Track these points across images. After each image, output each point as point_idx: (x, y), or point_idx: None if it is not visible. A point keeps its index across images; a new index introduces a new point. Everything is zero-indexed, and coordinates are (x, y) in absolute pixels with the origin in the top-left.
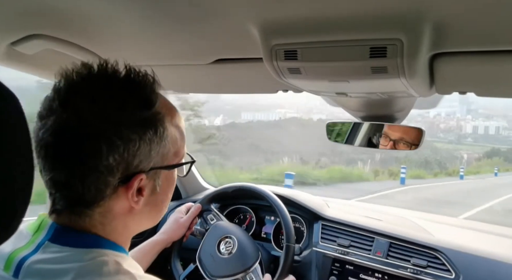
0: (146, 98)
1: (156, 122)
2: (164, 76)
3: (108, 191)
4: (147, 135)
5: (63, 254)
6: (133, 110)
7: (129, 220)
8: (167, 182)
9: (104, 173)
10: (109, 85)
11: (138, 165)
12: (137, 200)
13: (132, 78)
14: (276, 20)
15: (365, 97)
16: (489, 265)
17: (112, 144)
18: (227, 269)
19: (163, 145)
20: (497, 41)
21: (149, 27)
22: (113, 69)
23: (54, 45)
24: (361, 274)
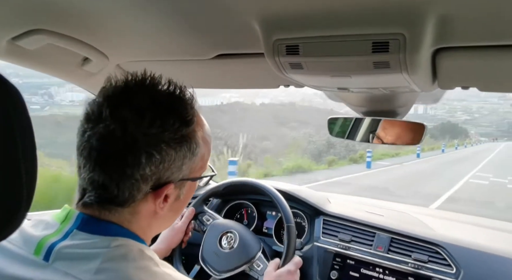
0: (186, 116)
1: (191, 139)
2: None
3: (139, 196)
4: (182, 151)
5: (90, 240)
6: (174, 128)
7: (153, 222)
8: (190, 190)
9: (139, 181)
10: (154, 100)
11: (170, 176)
12: (163, 206)
13: (174, 93)
14: (277, 15)
15: (367, 92)
16: (489, 260)
17: (151, 157)
18: (233, 262)
19: (194, 160)
20: (500, 36)
21: (150, 22)
22: (154, 82)
23: (55, 40)
24: (362, 269)
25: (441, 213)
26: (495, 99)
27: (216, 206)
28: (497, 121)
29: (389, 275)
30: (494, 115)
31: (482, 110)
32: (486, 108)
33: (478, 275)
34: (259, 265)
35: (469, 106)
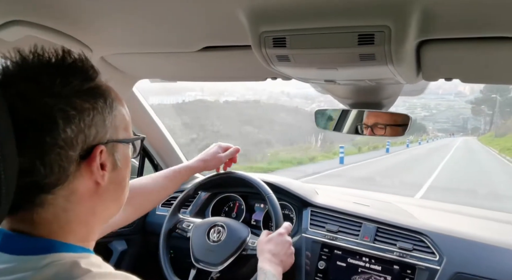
0: (85, 70)
1: (104, 92)
2: (152, 64)
3: (72, 168)
4: (98, 103)
5: (13, 264)
6: (79, 81)
7: (96, 202)
8: (125, 159)
9: (64, 147)
10: (48, 67)
11: (96, 136)
12: (102, 174)
13: (65, 56)
14: (264, 7)
15: (353, 84)
16: (471, 246)
17: (67, 115)
18: (227, 250)
19: (114, 115)
20: (481, 28)
21: (134, 13)
22: (46, 52)
23: (35, 32)
24: (349, 259)
25: (425, 202)
26: (451, 96)
27: (204, 200)
28: (453, 117)
29: (375, 263)
30: (451, 111)
31: (439, 107)
32: (443, 104)
33: (460, 261)
34: (254, 243)
35: (428, 103)
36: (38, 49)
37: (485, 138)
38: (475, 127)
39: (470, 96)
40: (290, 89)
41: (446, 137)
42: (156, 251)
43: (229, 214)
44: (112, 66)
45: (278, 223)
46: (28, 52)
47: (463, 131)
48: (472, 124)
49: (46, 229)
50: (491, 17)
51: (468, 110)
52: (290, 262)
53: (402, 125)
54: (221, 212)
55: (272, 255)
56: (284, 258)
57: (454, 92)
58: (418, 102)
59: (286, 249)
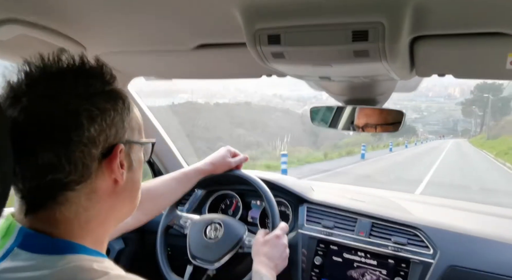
0: (105, 75)
1: (121, 94)
2: (146, 62)
3: (94, 166)
4: (118, 105)
5: (33, 261)
6: (100, 84)
7: (114, 202)
8: (139, 161)
9: (88, 145)
10: (69, 71)
11: (116, 135)
12: (122, 173)
13: (85, 62)
14: (259, 4)
15: (348, 81)
16: (464, 240)
17: (90, 115)
18: (224, 248)
19: (131, 117)
20: (473, 24)
21: (128, 11)
22: (63, 59)
23: (28, 30)
24: (345, 254)
25: (419, 197)
26: (441, 99)
27: (201, 197)
28: (443, 119)
29: (371, 258)
30: (441, 113)
31: (430, 109)
32: (433, 107)
33: (453, 255)
34: (250, 241)
35: (418, 105)
36: (57, 56)
37: (477, 141)
38: (465, 129)
39: (460, 98)
40: (282, 91)
41: (436, 139)
42: (154, 249)
43: (226, 212)
44: None
45: (275, 221)
46: (47, 58)
47: (453, 133)
48: (462, 126)
49: (67, 228)
50: (482, 14)
51: (458, 112)
52: (283, 265)
53: (396, 121)
54: (218, 210)
55: (268, 259)
56: (279, 261)
57: (444, 95)
58: (408, 104)
59: (281, 252)
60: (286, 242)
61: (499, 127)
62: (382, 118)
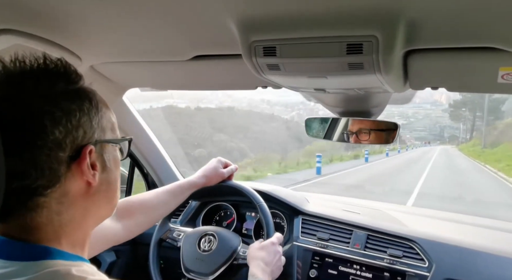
0: (69, 75)
1: (88, 93)
2: (142, 73)
3: (62, 169)
4: (84, 105)
5: (8, 269)
6: (63, 84)
7: (88, 204)
8: (114, 161)
9: (53, 149)
10: (31, 72)
11: (84, 136)
12: (94, 173)
13: (48, 62)
14: (254, 16)
15: (343, 93)
16: (460, 253)
17: (54, 117)
18: (218, 260)
19: (100, 116)
20: (465, 39)
21: (125, 23)
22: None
23: (24, 41)
24: (340, 266)
25: (414, 209)
26: (428, 105)
27: (195, 208)
28: (430, 125)
29: (366, 271)
30: (427, 120)
31: (417, 115)
32: (420, 113)
33: (449, 268)
34: (245, 252)
35: (406, 112)
36: (19, 57)
37: (467, 148)
38: (452, 135)
39: (446, 105)
40: (271, 97)
41: (422, 146)
42: (146, 262)
43: (220, 223)
44: (101, 75)
45: (270, 232)
46: (9, 60)
47: (440, 139)
48: (449, 132)
49: (41, 234)
50: (474, 29)
51: (444, 119)
52: (278, 273)
53: (391, 133)
54: (212, 221)
55: (265, 264)
56: (274, 268)
57: (431, 101)
58: (396, 111)
59: (277, 260)
60: (281, 250)
61: (497, 133)
62: (377, 129)
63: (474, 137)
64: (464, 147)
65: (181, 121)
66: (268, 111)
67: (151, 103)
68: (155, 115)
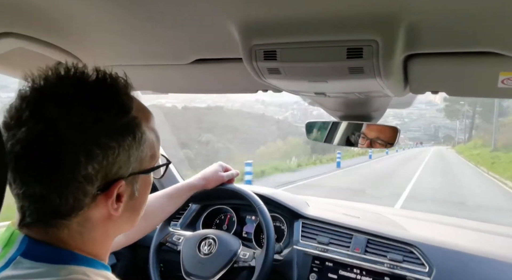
0: (122, 103)
1: (134, 127)
2: (143, 76)
3: (87, 201)
4: (126, 141)
5: (36, 270)
6: (111, 118)
7: (109, 226)
8: (145, 185)
9: (82, 183)
10: (82, 91)
11: (117, 172)
12: (117, 207)
13: (104, 81)
14: (255, 20)
15: (343, 97)
16: (460, 258)
17: (91, 154)
18: (219, 263)
19: (141, 150)
20: (465, 43)
21: (126, 26)
22: (82, 72)
23: (25, 44)
24: (340, 271)
25: (415, 213)
26: (422, 105)
27: (195, 212)
28: (425, 126)
29: (366, 275)
30: (422, 120)
31: (411, 115)
32: (415, 113)
33: (449, 273)
34: (245, 254)
35: (400, 112)
36: (77, 69)
37: (468, 151)
38: (446, 135)
39: (440, 105)
40: (265, 97)
41: (413, 147)
42: (146, 264)
43: (220, 226)
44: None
45: (269, 234)
46: (64, 72)
47: (435, 139)
48: (444, 133)
49: (64, 245)
50: (474, 33)
51: (439, 119)
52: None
53: (391, 137)
54: (212, 224)
55: None
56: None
57: (425, 102)
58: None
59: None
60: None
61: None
62: (377, 133)
63: (473, 136)
64: (462, 148)
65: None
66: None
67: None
68: None
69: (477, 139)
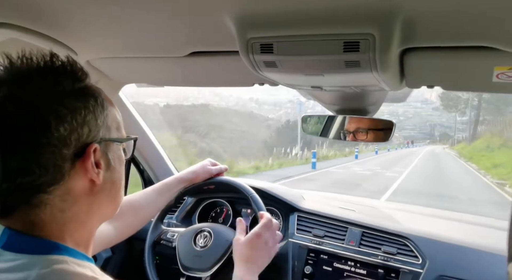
0: (75, 72)
1: (94, 92)
2: (138, 69)
3: (67, 167)
4: (90, 102)
5: (18, 262)
6: (69, 82)
7: (92, 202)
8: (119, 160)
9: (58, 146)
10: (37, 70)
11: (89, 134)
12: (98, 172)
13: (55, 60)
14: (252, 13)
15: (339, 91)
16: (452, 250)
17: (59, 115)
18: (216, 254)
19: (106, 114)
20: (461, 38)
21: (122, 18)
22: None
23: (19, 35)
24: (335, 263)
25: (409, 207)
26: (418, 103)
27: (191, 205)
28: (420, 124)
29: (360, 268)
30: (418, 118)
31: (407, 114)
32: (410, 111)
33: (442, 265)
34: None
35: (396, 110)
36: (26, 54)
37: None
38: (443, 133)
39: (436, 103)
40: (259, 96)
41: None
42: (141, 257)
43: (216, 220)
44: (97, 70)
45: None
46: (16, 57)
47: (430, 138)
48: (440, 131)
49: (45, 230)
50: (469, 28)
51: (435, 117)
52: (268, 261)
53: (386, 131)
54: (208, 218)
55: (251, 263)
56: (261, 262)
57: (421, 100)
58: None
59: (263, 252)
60: (268, 238)
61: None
62: (373, 127)
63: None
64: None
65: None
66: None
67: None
68: None
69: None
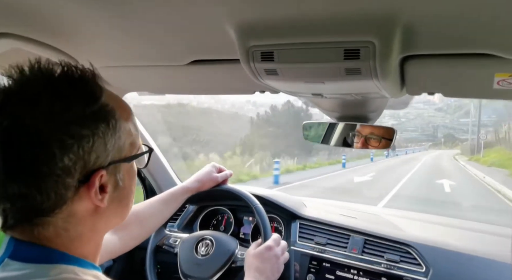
0: (90, 91)
1: (107, 114)
2: (139, 77)
3: (70, 194)
4: (99, 128)
5: (25, 271)
6: (80, 106)
7: (97, 221)
8: (129, 175)
9: (61, 176)
10: (48, 85)
11: (96, 161)
12: (101, 198)
13: (71, 73)
14: (253, 22)
15: (340, 98)
16: (457, 258)
17: (64, 145)
18: (216, 264)
19: (118, 137)
20: (461, 45)
21: (123, 28)
22: (48, 68)
23: (22, 44)
24: (338, 271)
25: (411, 214)
26: (420, 104)
27: (192, 213)
28: (422, 125)
29: (363, 276)
30: (420, 120)
31: (408, 115)
32: (412, 113)
33: (446, 273)
34: (243, 254)
35: (397, 112)
36: (35, 66)
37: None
38: (448, 134)
39: (439, 104)
40: (257, 98)
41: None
42: (143, 266)
43: (217, 228)
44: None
45: (266, 233)
46: (29, 69)
47: (433, 140)
48: (443, 132)
49: (51, 243)
50: (469, 35)
51: (437, 119)
52: (276, 277)
53: (388, 138)
54: (210, 226)
55: (259, 273)
56: (270, 274)
57: (423, 101)
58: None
59: (272, 265)
60: (278, 252)
61: None
62: (374, 134)
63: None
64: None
65: None
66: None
67: None
68: None
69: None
